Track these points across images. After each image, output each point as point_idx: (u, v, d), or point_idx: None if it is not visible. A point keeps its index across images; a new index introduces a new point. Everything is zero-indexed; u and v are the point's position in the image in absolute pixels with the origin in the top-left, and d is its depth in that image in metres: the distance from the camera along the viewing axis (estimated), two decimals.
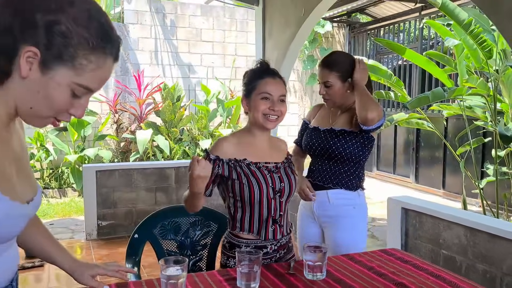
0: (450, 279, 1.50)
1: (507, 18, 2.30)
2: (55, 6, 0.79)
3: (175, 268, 1.33)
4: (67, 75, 0.82)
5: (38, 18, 0.78)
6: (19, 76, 0.80)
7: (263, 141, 1.75)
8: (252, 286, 1.41)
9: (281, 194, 1.70)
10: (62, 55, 0.80)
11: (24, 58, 0.79)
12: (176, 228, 2.07)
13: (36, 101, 0.83)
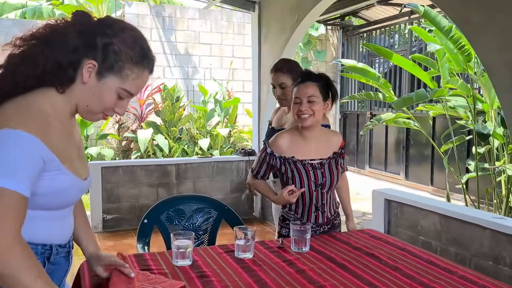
0: (414, 251, 1.80)
1: (475, 30, 2.59)
2: (110, 32, 1.10)
3: (183, 239, 1.62)
4: (116, 82, 1.12)
5: (98, 40, 1.09)
6: (81, 82, 1.10)
7: (311, 139, 2.02)
8: (246, 256, 1.69)
9: (322, 187, 2.01)
10: (113, 67, 1.10)
11: (86, 69, 1.09)
12: (181, 214, 2.37)
13: (91, 101, 1.12)
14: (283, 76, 2.46)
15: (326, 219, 2.07)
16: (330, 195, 2.08)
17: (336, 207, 2.15)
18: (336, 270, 1.57)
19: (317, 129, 2.04)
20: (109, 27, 1.11)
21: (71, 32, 1.09)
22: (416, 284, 1.45)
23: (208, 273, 1.52)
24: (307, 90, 1.97)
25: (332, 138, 2.10)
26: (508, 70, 2.40)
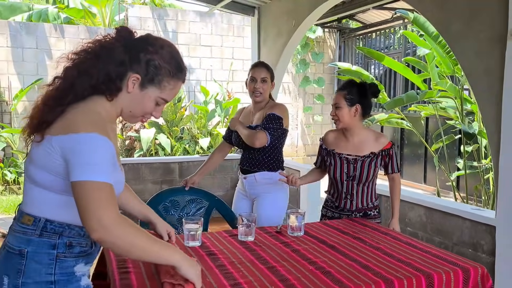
0: (395, 235, 2.04)
1: (455, 37, 2.83)
2: (152, 49, 1.31)
3: (193, 223, 1.86)
4: (155, 92, 1.33)
5: (141, 56, 1.30)
6: (126, 91, 1.31)
7: (352, 137, 2.38)
8: (248, 238, 1.93)
9: (353, 179, 2.35)
10: (154, 80, 1.32)
11: (131, 80, 1.30)
12: (176, 205, 2.67)
13: (134, 107, 1.34)
14: (266, 72, 2.70)
15: (356, 207, 2.38)
16: (364, 189, 2.38)
17: (373, 201, 2.42)
18: (327, 250, 1.81)
19: (357, 130, 2.37)
20: (151, 44, 1.32)
21: (118, 47, 1.30)
22: (394, 260, 1.69)
23: (216, 252, 1.76)
24: (334, 99, 2.38)
25: (375, 140, 2.37)
26: (485, 75, 2.65)
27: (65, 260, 1.26)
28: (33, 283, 1.22)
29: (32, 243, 1.23)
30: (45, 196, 1.24)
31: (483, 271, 1.65)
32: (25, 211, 1.27)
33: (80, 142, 1.18)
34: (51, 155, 1.21)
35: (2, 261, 1.26)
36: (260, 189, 2.68)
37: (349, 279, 1.50)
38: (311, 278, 1.51)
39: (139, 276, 1.50)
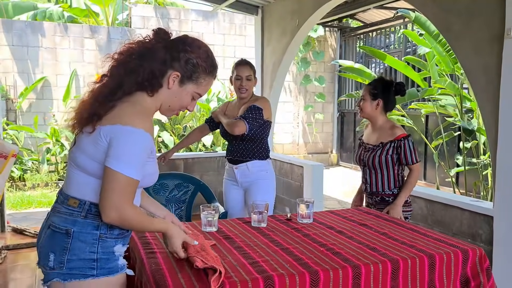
0: (398, 221, 2.17)
1: (455, 36, 2.96)
2: (190, 49, 1.45)
3: (210, 210, 1.98)
4: (193, 88, 1.48)
5: (181, 56, 1.44)
6: (167, 87, 1.45)
7: (375, 128, 2.63)
8: (261, 225, 2.06)
9: (365, 165, 2.62)
10: (192, 76, 1.46)
11: (171, 78, 1.44)
12: (165, 187, 2.97)
13: (172, 102, 1.48)
14: (250, 70, 2.87)
15: (371, 191, 2.62)
16: (378, 176, 2.59)
17: (391, 188, 2.58)
18: (335, 235, 1.94)
19: (379, 122, 2.61)
20: (189, 45, 1.46)
21: (159, 47, 1.44)
22: (399, 243, 1.82)
23: (232, 236, 1.89)
24: (362, 91, 2.67)
25: (389, 130, 2.56)
26: (484, 72, 2.77)
27: (106, 241, 1.40)
28: (78, 260, 1.36)
29: (77, 223, 1.38)
30: (90, 182, 1.39)
31: (481, 253, 1.77)
32: (70, 194, 1.41)
33: (123, 134, 1.33)
34: (99, 145, 1.35)
35: (48, 239, 1.40)
36: (253, 177, 2.88)
37: (358, 259, 1.62)
38: (323, 258, 1.63)
39: (164, 255, 1.63)
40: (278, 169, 5.47)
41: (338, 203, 6.68)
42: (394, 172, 2.57)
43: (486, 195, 4.93)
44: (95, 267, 1.38)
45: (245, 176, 2.89)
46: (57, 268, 1.37)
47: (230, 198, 2.96)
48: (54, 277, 1.38)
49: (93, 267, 1.38)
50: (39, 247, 1.43)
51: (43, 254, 1.40)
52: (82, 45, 8.06)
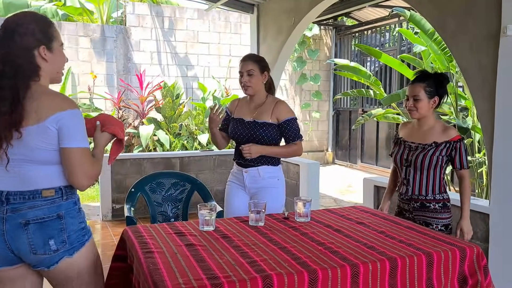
0: (395, 220, 2.17)
1: (451, 35, 2.96)
2: (25, 26, 1.58)
3: (207, 209, 1.97)
4: (57, 44, 1.67)
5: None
6: (45, 62, 1.63)
7: (420, 127, 2.42)
8: (259, 224, 2.05)
9: (409, 165, 2.41)
10: (51, 38, 1.66)
11: (41, 52, 1.61)
12: (161, 186, 2.96)
13: (55, 68, 1.70)
14: (253, 64, 2.60)
15: (412, 194, 2.40)
16: (422, 177, 2.38)
17: (434, 193, 2.39)
18: (333, 233, 1.94)
19: (428, 120, 2.40)
20: (20, 25, 1.56)
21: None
22: (396, 242, 1.82)
23: (230, 235, 1.88)
24: (413, 90, 2.39)
25: (443, 131, 2.38)
26: (480, 70, 2.78)
27: (81, 211, 1.69)
28: (73, 232, 1.61)
29: (62, 206, 1.60)
30: (53, 170, 1.60)
31: (478, 251, 1.78)
32: (40, 188, 1.57)
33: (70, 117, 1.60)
34: (49, 135, 1.57)
35: (38, 232, 1.55)
36: (263, 183, 2.63)
37: (356, 258, 1.62)
38: (321, 257, 1.63)
39: (162, 255, 1.62)
40: None
41: (334, 201, 6.69)
42: (440, 176, 2.40)
43: (481, 193, 4.95)
44: (86, 233, 1.67)
45: (254, 182, 2.64)
46: (61, 248, 1.57)
47: (235, 203, 2.69)
48: (61, 257, 1.58)
49: (84, 233, 1.66)
50: (18, 247, 1.54)
51: (38, 245, 1.54)
52: (77, 43, 8.02)
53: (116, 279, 1.88)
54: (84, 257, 1.64)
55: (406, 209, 2.46)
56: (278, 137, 2.62)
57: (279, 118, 2.59)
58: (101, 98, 7.96)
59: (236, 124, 2.67)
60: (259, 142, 2.57)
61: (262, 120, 2.59)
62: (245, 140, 2.60)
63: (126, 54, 8.31)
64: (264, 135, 2.57)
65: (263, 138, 2.57)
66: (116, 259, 1.92)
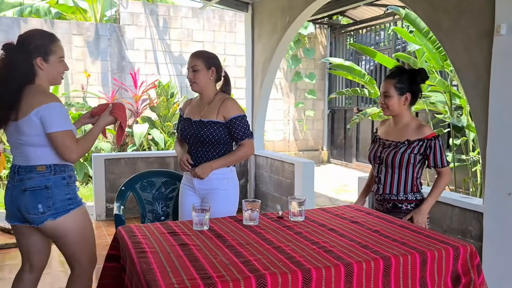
0: (389, 219, 2.17)
1: (445, 33, 2.97)
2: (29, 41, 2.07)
3: (201, 211, 1.96)
4: (54, 57, 2.11)
5: (31, 48, 2.04)
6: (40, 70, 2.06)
7: (396, 125, 2.40)
8: (253, 223, 2.05)
9: (380, 163, 2.39)
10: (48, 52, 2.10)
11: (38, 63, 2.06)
12: (152, 185, 2.94)
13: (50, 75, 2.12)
14: (197, 60, 2.47)
15: (383, 193, 2.38)
16: (394, 176, 2.34)
17: (406, 192, 2.35)
18: (327, 232, 1.93)
19: (403, 118, 2.37)
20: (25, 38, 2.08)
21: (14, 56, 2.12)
22: (390, 241, 1.82)
23: (224, 234, 1.87)
24: (384, 86, 2.37)
25: (417, 128, 2.33)
26: (473, 69, 2.79)
27: (70, 185, 2.11)
28: (58, 201, 2.05)
29: (51, 179, 2.04)
30: (44, 151, 2.02)
31: (472, 249, 1.78)
32: (35, 164, 2.03)
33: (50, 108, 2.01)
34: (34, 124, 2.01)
35: (31, 197, 2.01)
36: (212, 185, 2.49)
37: (350, 257, 1.62)
38: (315, 256, 1.62)
39: (155, 255, 1.61)
40: (269, 167, 5.47)
41: (329, 200, 6.69)
42: (413, 175, 2.34)
43: (475, 192, 4.97)
44: (72, 203, 2.09)
45: (203, 183, 2.50)
46: (47, 212, 2.02)
47: (185, 206, 2.58)
48: (46, 218, 2.02)
49: (70, 203, 2.08)
50: (20, 207, 2.03)
51: (30, 206, 2.01)
52: (70, 41, 7.97)
53: (109, 279, 1.87)
54: (69, 222, 2.06)
55: (380, 210, 2.42)
56: (226, 136, 2.47)
57: (226, 116, 2.45)
58: (95, 97, 7.92)
59: (184, 124, 2.56)
60: (205, 142, 2.45)
61: (208, 119, 2.46)
62: (192, 141, 2.50)
63: (120, 52, 8.27)
64: (209, 135, 2.43)
65: (208, 137, 2.44)
66: (109, 259, 1.91)
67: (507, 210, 2.60)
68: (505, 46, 2.55)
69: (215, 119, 2.45)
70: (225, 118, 2.45)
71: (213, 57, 2.54)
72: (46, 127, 1.96)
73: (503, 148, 2.61)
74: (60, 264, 3.88)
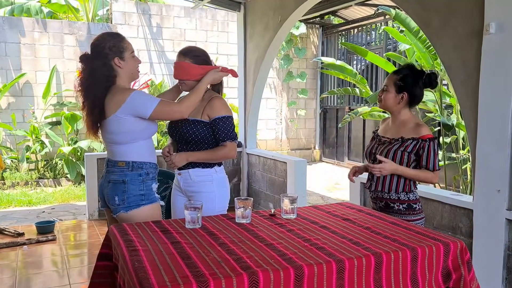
0: (381, 216, 2.19)
1: (435, 32, 3.00)
2: (103, 45, 2.23)
3: (193, 208, 1.97)
4: (128, 54, 2.29)
5: (106, 52, 2.19)
6: (119, 68, 2.24)
7: (394, 122, 2.40)
8: (245, 221, 2.05)
9: (374, 159, 2.35)
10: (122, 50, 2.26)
11: (115, 63, 2.23)
12: None
13: (128, 72, 2.28)
14: (184, 58, 2.39)
15: (375, 191, 2.37)
16: (386, 174, 2.30)
17: (398, 191, 2.31)
18: (319, 230, 1.95)
19: (401, 116, 2.36)
20: (98, 44, 2.24)
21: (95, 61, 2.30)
22: (381, 237, 1.84)
23: (216, 232, 1.88)
24: (386, 79, 2.38)
25: (414, 127, 2.29)
26: (463, 67, 2.82)
27: (146, 182, 2.25)
28: (133, 196, 2.21)
29: (128, 175, 2.22)
30: (126, 149, 2.22)
31: (462, 245, 1.80)
32: (118, 159, 2.23)
33: (132, 98, 2.19)
34: (124, 121, 2.20)
35: (111, 189, 2.22)
36: (196, 187, 2.42)
37: (342, 253, 1.63)
38: (306, 253, 1.63)
39: (148, 253, 1.61)
40: (261, 165, 5.48)
41: (321, 198, 6.72)
42: None
43: (465, 189, 5.02)
44: (144, 199, 2.22)
45: (188, 185, 2.45)
46: (121, 204, 2.20)
47: (176, 207, 2.55)
48: (120, 210, 2.20)
49: (142, 199, 2.22)
50: (104, 195, 2.27)
51: (110, 197, 2.22)
52: (62, 41, 7.93)
53: (101, 278, 1.87)
54: (139, 216, 2.18)
55: (374, 208, 2.41)
56: (210, 136, 2.38)
57: (210, 115, 2.36)
58: None
59: (171, 122, 2.50)
60: (189, 141, 2.39)
61: (194, 117, 2.37)
62: (178, 139, 2.45)
63: None
64: (193, 134, 2.36)
65: (191, 136, 2.37)
66: (101, 257, 1.90)
67: (496, 206, 2.63)
68: (494, 44, 2.58)
69: (200, 118, 2.37)
70: (209, 117, 2.37)
71: (199, 55, 2.42)
72: (143, 114, 2.14)
73: (492, 146, 2.64)
74: (52, 264, 3.87)
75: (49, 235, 4.45)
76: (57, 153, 7.56)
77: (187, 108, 2.24)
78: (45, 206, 6.03)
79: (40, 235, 4.47)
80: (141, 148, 2.25)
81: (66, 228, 4.87)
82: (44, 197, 6.32)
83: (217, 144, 2.41)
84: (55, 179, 7.40)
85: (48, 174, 7.48)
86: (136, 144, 2.23)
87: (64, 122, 7.47)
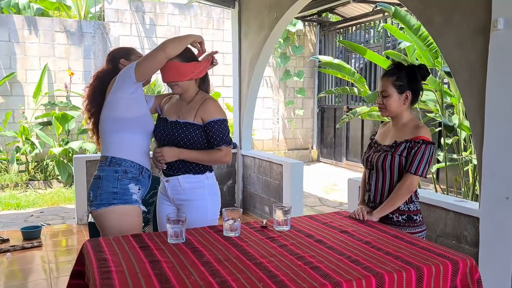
0: (382, 228, 2.02)
1: (437, 29, 2.82)
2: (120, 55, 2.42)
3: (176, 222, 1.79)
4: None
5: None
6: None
7: (394, 127, 2.23)
8: (234, 234, 1.88)
9: (371, 167, 2.22)
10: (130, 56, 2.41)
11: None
12: None
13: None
14: (173, 59, 2.18)
15: (374, 201, 2.19)
16: (383, 180, 2.15)
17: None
18: (314, 245, 1.78)
19: (403, 118, 2.18)
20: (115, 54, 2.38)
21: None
22: (383, 254, 1.67)
23: (201, 248, 1.71)
24: (381, 85, 2.19)
25: (412, 129, 2.13)
26: (467, 66, 2.64)
27: (122, 180, 2.14)
28: (104, 193, 2.11)
29: (105, 170, 2.15)
30: (105, 143, 2.20)
31: (472, 263, 1.64)
32: (102, 154, 2.20)
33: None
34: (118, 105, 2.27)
35: (90, 184, 2.18)
36: (186, 195, 2.27)
37: (339, 274, 1.46)
38: (300, 274, 1.46)
39: (121, 275, 1.44)
40: (257, 167, 5.31)
41: (319, 200, 6.55)
42: None
43: (467, 191, 4.86)
44: (116, 198, 2.11)
45: (177, 193, 2.28)
46: (94, 200, 2.12)
47: (161, 216, 2.37)
48: (92, 207, 2.12)
49: (114, 198, 2.10)
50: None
51: (89, 192, 2.16)
52: (53, 39, 7.73)
53: None
54: (108, 216, 2.09)
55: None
56: (202, 140, 2.23)
57: (204, 118, 2.21)
58: (79, 96, 7.69)
59: (159, 124, 2.32)
60: (180, 145, 2.21)
61: (185, 120, 2.23)
62: (167, 143, 2.25)
63: (104, 50, 8.04)
64: (184, 137, 2.20)
65: (182, 140, 2.20)
66: (74, 275, 1.73)
67: (504, 215, 2.46)
68: (502, 41, 2.41)
69: (192, 120, 2.22)
70: (203, 120, 2.22)
71: (186, 51, 2.23)
72: (129, 77, 2.10)
73: (500, 150, 2.47)
74: (43, 272, 3.70)
75: (34, 241, 4.27)
76: (47, 154, 7.36)
77: (171, 49, 2.09)
78: (33, 209, 5.84)
79: (26, 241, 4.29)
80: (124, 143, 2.17)
81: (54, 233, 4.69)
82: (33, 200, 6.13)
83: (210, 148, 2.25)
84: (46, 180, 7.21)
85: (38, 176, 7.28)
86: (119, 136, 2.15)
87: (55, 122, 7.28)
